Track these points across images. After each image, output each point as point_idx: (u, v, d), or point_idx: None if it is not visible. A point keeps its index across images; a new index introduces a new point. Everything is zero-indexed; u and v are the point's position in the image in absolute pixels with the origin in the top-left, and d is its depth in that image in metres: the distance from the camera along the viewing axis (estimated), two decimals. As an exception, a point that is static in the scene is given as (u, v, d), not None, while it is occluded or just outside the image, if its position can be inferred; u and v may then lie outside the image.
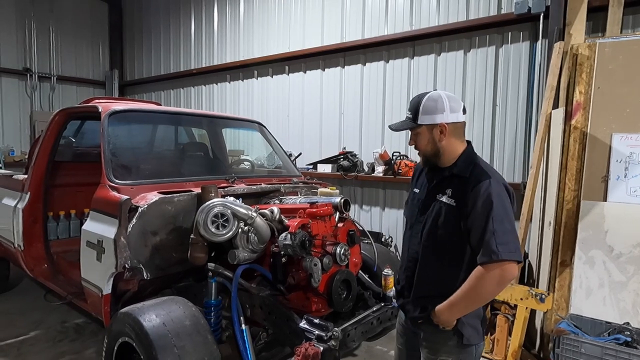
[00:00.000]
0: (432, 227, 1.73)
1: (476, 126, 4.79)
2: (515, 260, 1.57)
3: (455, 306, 1.66)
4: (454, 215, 1.66)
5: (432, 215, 1.74)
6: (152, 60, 9.00)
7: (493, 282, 1.57)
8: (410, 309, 1.83)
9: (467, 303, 1.65)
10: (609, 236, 3.20)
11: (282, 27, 6.56)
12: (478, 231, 1.58)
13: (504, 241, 1.54)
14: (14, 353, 3.37)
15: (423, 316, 1.77)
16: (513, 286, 3.34)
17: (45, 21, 8.67)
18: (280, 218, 2.60)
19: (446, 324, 1.71)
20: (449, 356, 1.76)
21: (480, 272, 1.58)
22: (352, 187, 5.70)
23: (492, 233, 1.54)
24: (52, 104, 8.84)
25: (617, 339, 2.79)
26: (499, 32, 4.63)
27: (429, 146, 1.75)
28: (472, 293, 1.61)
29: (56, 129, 3.47)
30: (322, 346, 2.12)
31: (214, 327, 2.41)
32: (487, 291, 1.60)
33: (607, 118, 3.29)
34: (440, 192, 1.74)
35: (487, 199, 1.58)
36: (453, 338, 1.74)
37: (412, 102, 1.78)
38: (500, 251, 1.53)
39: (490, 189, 1.60)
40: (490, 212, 1.56)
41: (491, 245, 1.54)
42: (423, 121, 1.72)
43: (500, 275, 1.55)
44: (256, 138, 4.62)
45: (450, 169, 1.75)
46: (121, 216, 2.43)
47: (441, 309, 1.69)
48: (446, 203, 1.69)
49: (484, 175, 1.64)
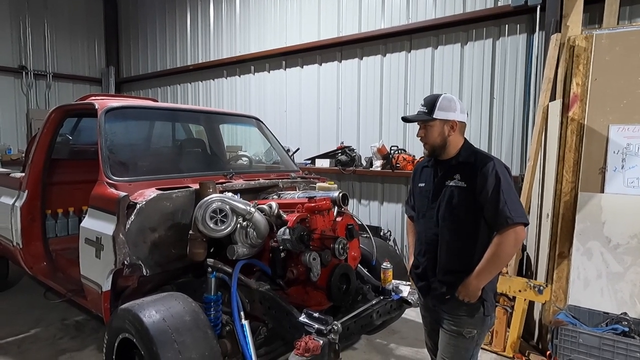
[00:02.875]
0: (447, 208, 1.99)
1: (474, 119, 4.79)
2: (524, 223, 1.87)
3: (481, 273, 1.90)
4: (466, 195, 1.94)
5: (445, 199, 1.99)
6: (148, 57, 8.95)
7: (510, 244, 1.86)
8: (438, 287, 2.03)
9: (491, 267, 1.91)
10: (607, 227, 3.22)
11: (279, 21, 6.53)
12: (492, 203, 1.87)
13: (514, 208, 1.85)
14: (14, 351, 3.37)
15: (451, 291, 1.98)
16: (511, 278, 3.37)
17: (40, 18, 8.61)
18: (279, 213, 2.60)
19: (473, 295, 1.92)
20: (474, 327, 1.98)
21: (498, 239, 1.87)
22: (350, 182, 5.70)
23: (505, 202, 1.84)
24: (48, 101, 8.80)
25: (614, 329, 2.81)
26: (495, 25, 4.62)
27: (439, 138, 2.01)
28: (494, 258, 1.88)
29: (53, 127, 3.46)
30: (322, 340, 2.13)
31: (214, 322, 2.41)
32: (507, 252, 1.88)
33: (604, 109, 3.30)
34: (449, 178, 2.00)
35: (495, 175, 1.88)
36: (478, 310, 1.97)
37: (427, 100, 2.04)
38: (513, 216, 1.83)
39: (496, 168, 1.90)
40: (500, 186, 1.86)
41: (505, 212, 1.83)
42: (438, 116, 1.99)
43: (515, 237, 1.85)
44: (254, 133, 4.62)
45: (455, 158, 2.03)
46: (119, 213, 2.43)
47: (470, 279, 1.92)
48: (457, 186, 1.96)
49: (487, 158, 1.96)
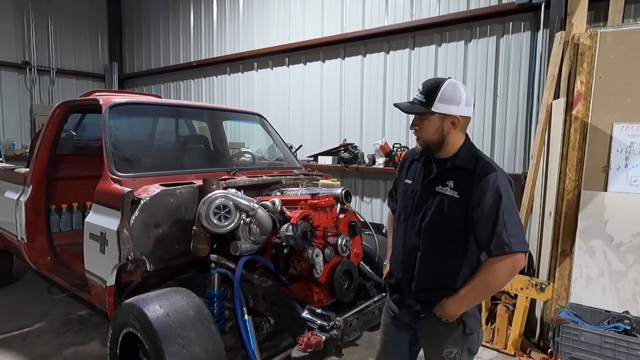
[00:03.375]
0: (433, 219, 1.68)
1: (477, 117, 4.78)
2: (525, 251, 1.57)
3: (464, 299, 1.64)
4: (458, 208, 1.62)
5: (433, 207, 1.68)
6: (151, 53, 8.96)
7: (505, 273, 1.58)
8: (412, 303, 1.77)
9: (477, 295, 1.65)
10: (609, 226, 3.21)
11: (282, 18, 6.52)
12: (489, 223, 1.56)
13: (514, 233, 1.54)
14: (19, 344, 3.40)
15: (426, 310, 1.73)
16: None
17: (44, 14, 8.62)
18: (282, 209, 2.61)
19: (452, 317, 1.68)
20: (454, 347, 1.73)
21: (491, 264, 1.57)
22: (353, 179, 5.70)
23: (503, 225, 1.53)
24: (52, 97, 8.82)
25: (616, 327, 2.81)
26: (499, 22, 4.60)
27: (436, 135, 1.66)
28: (482, 285, 1.61)
29: (57, 122, 3.47)
30: (324, 335, 2.15)
31: (217, 318, 2.43)
32: (498, 282, 1.61)
33: (608, 108, 3.29)
34: (440, 184, 1.68)
35: (496, 191, 1.56)
36: (457, 328, 1.71)
37: (427, 85, 1.65)
38: (512, 243, 1.53)
39: (498, 182, 1.57)
40: (500, 205, 1.55)
41: (503, 237, 1.53)
42: (437, 109, 1.62)
43: (512, 266, 1.56)
44: (257, 130, 4.62)
45: (451, 160, 1.68)
46: (124, 208, 2.44)
47: (449, 303, 1.65)
48: (449, 195, 1.64)
49: (490, 168, 1.61)
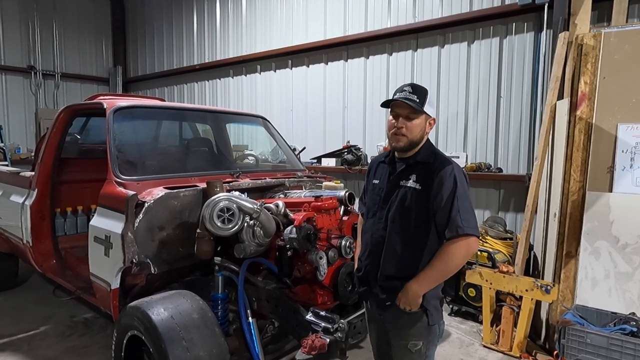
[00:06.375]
0: (398, 210, 1.83)
1: (480, 118, 4.77)
2: (476, 235, 1.74)
3: (424, 280, 1.77)
4: (420, 198, 1.79)
5: (397, 199, 1.84)
6: (155, 56, 9.01)
7: (460, 254, 1.73)
8: (378, 292, 1.88)
9: (436, 275, 1.78)
10: (615, 227, 3.19)
11: (285, 21, 6.54)
12: (445, 209, 1.73)
13: (467, 218, 1.72)
14: (24, 347, 3.42)
15: (391, 297, 1.83)
16: (518, 277, 3.35)
17: (49, 19, 8.71)
18: (286, 212, 2.61)
19: (413, 302, 1.78)
20: (419, 339, 1.84)
21: (447, 246, 1.74)
22: (357, 181, 5.70)
23: (458, 211, 1.71)
24: (56, 101, 8.90)
25: (622, 329, 2.78)
26: (503, 23, 4.60)
27: (419, 135, 1.83)
28: (441, 266, 1.75)
29: (62, 126, 3.49)
30: (328, 338, 2.15)
31: (221, 320, 2.43)
32: (455, 263, 1.75)
33: (612, 108, 3.27)
34: (403, 178, 1.85)
35: (453, 181, 1.75)
36: (421, 319, 1.82)
37: (417, 88, 1.82)
38: (465, 226, 1.70)
39: (455, 172, 1.77)
40: (455, 192, 1.73)
41: (457, 221, 1.70)
42: (427, 110, 1.81)
43: (466, 249, 1.73)
44: (260, 133, 4.63)
45: (414, 157, 1.86)
46: (128, 211, 2.45)
47: (410, 283, 1.77)
48: (412, 187, 1.81)
49: (447, 162, 1.82)
